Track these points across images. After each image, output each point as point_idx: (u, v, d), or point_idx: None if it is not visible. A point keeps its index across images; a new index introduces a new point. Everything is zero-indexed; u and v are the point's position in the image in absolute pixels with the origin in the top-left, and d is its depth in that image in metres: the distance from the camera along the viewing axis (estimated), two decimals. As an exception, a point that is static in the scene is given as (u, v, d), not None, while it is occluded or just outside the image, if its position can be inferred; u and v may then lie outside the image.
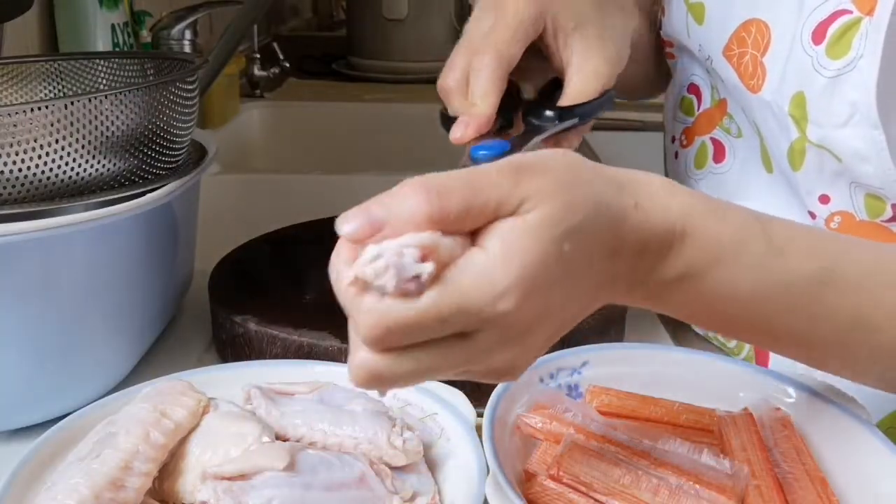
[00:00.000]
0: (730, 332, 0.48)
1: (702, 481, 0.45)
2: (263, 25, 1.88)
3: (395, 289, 0.33)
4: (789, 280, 0.43)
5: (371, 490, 0.48)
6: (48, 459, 0.49)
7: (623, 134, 1.55)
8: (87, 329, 0.60)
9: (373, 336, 0.34)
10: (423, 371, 0.36)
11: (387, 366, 0.35)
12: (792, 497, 0.47)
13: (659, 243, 0.40)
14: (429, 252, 0.34)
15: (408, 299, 0.34)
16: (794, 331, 0.45)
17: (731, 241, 0.42)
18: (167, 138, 0.63)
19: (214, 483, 0.45)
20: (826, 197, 0.60)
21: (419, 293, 0.34)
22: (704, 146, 0.72)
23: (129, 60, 0.75)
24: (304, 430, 0.51)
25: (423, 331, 0.35)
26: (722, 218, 0.42)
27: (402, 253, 0.33)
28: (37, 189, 0.55)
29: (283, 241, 0.82)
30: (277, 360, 0.64)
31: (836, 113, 0.56)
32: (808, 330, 0.45)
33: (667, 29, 0.73)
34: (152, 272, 0.66)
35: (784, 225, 0.45)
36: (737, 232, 0.42)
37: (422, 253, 0.33)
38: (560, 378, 0.55)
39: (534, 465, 0.48)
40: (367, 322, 0.34)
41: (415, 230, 0.34)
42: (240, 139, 1.46)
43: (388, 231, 0.34)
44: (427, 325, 0.34)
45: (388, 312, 0.34)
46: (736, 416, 0.52)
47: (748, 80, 0.62)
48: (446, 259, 0.34)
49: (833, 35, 0.55)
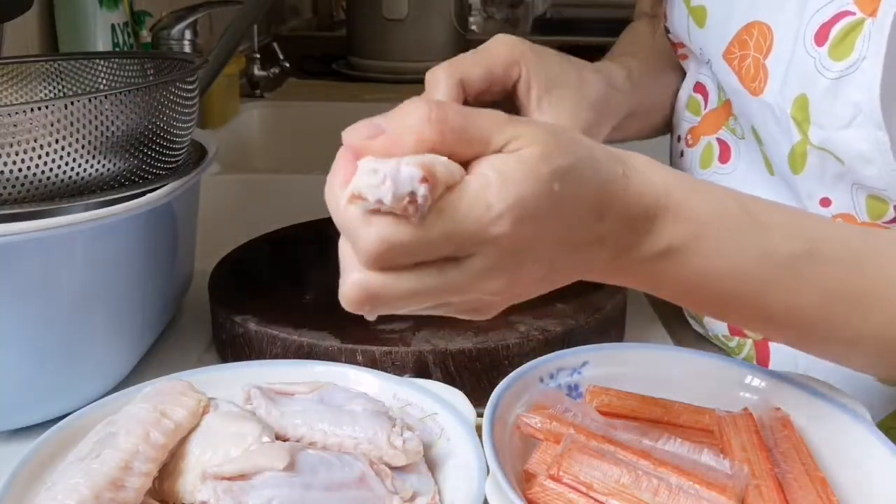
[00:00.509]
0: (717, 310, 0.48)
1: (702, 481, 0.45)
2: (263, 25, 1.88)
3: (393, 201, 0.34)
4: (772, 253, 0.44)
5: (371, 490, 0.48)
6: (48, 459, 0.49)
7: (624, 133, 1.55)
8: (87, 329, 0.60)
9: (375, 252, 0.35)
10: (416, 293, 0.37)
11: (382, 285, 0.36)
12: (792, 497, 0.47)
13: (643, 216, 0.41)
14: (427, 171, 0.34)
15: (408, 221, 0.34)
16: (776, 305, 0.46)
17: (712, 216, 0.43)
18: (167, 138, 0.63)
19: (214, 483, 0.45)
20: (827, 200, 0.60)
21: (417, 214, 0.34)
22: (710, 146, 0.72)
23: (129, 60, 0.75)
24: (304, 430, 0.51)
25: (424, 250, 0.36)
26: (704, 194, 0.44)
27: (400, 169, 0.34)
28: (37, 189, 0.55)
29: (283, 241, 0.82)
30: (277, 360, 0.64)
31: (839, 115, 0.55)
32: (790, 304, 0.45)
33: (672, 32, 0.73)
34: (152, 272, 0.66)
35: (766, 202, 0.46)
36: (718, 207, 0.43)
37: (420, 171, 0.34)
38: (560, 378, 0.55)
39: (534, 465, 0.48)
40: (369, 238, 0.35)
41: (415, 137, 0.35)
42: (240, 139, 1.46)
43: (388, 136, 0.35)
44: (429, 244, 0.35)
45: (391, 230, 0.34)
46: (736, 416, 0.52)
47: (749, 82, 0.62)
48: (444, 181, 0.35)
49: (836, 36, 0.55)
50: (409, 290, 0.37)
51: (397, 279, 0.36)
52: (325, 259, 0.37)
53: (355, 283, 0.36)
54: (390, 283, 0.36)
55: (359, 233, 0.35)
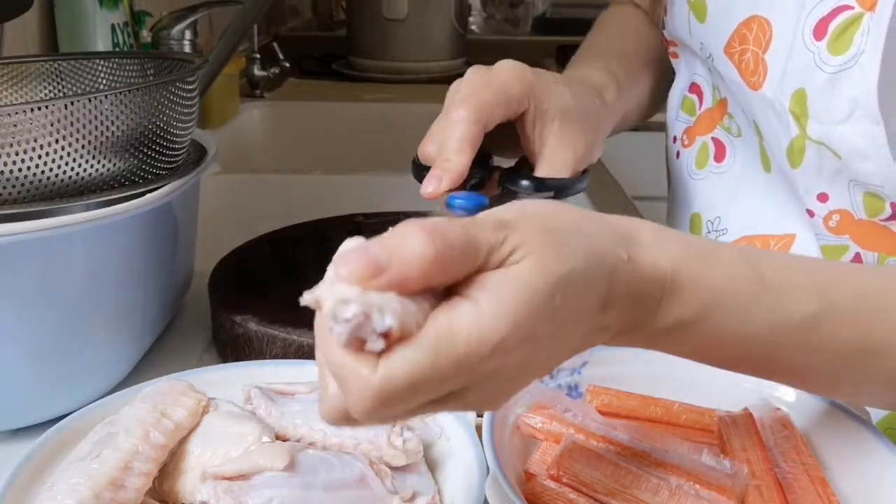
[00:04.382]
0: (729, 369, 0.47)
1: (702, 481, 0.45)
2: (263, 25, 1.88)
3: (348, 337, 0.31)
4: (785, 316, 0.42)
5: (371, 490, 0.48)
6: (48, 459, 0.49)
7: (623, 134, 1.55)
8: (87, 329, 0.60)
9: (368, 410, 0.33)
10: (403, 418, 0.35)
11: (368, 420, 0.34)
12: (792, 497, 0.47)
13: (649, 296, 0.39)
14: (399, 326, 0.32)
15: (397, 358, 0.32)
16: (794, 364, 0.44)
17: (722, 286, 0.41)
18: (167, 138, 0.63)
19: (214, 483, 0.45)
20: (825, 195, 0.60)
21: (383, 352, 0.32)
22: (706, 146, 0.72)
23: (129, 60, 0.75)
24: (304, 430, 0.51)
25: (420, 395, 0.33)
26: (712, 263, 0.41)
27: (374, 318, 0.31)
28: (37, 189, 0.55)
29: (283, 241, 0.82)
30: (277, 360, 0.64)
31: (837, 109, 0.56)
32: (808, 362, 0.44)
33: (669, 28, 0.73)
34: (152, 272, 0.66)
35: (776, 260, 0.45)
36: (728, 276, 0.42)
37: (396, 326, 0.31)
38: (560, 378, 0.55)
39: (534, 465, 0.48)
40: (361, 392, 0.32)
41: (421, 274, 0.32)
42: (240, 139, 1.46)
43: (391, 276, 0.32)
44: (427, 387, 0.33)
45: (387, 378, 0.32)
46: (736, 416, 0.52)
47: (749, 77, 0.62)
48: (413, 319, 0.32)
49: (834, 31, 0.55)
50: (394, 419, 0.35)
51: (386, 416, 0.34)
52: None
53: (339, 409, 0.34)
54: (375, 420, 0.34)
55: (349, 383, 0.32)
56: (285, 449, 0.47)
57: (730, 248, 0.44)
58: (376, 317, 0.31)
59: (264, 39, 1.76)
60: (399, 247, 0.32)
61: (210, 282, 0.74)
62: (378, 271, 0.32)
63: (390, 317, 0.31)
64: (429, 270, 0.32)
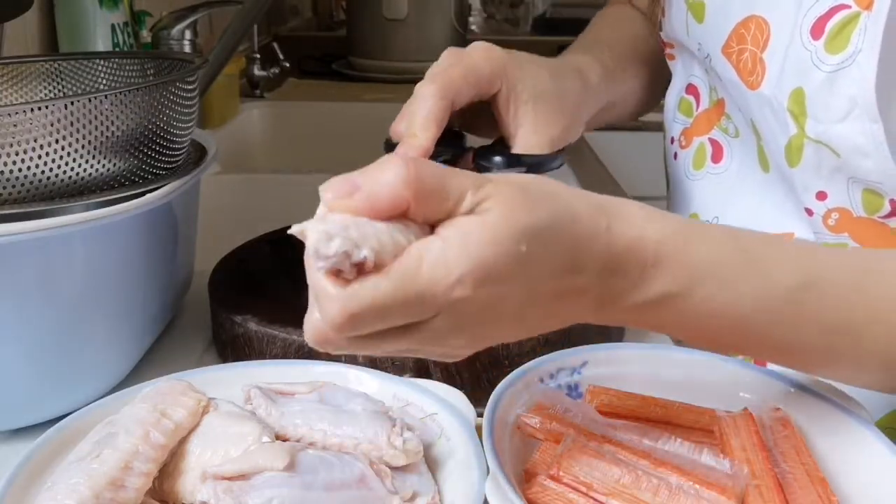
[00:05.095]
0: (715, 346, 0.48)
1: (702, 481, 0.45)
2: (263, 25, 1.88)
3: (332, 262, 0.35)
4: (769, 291, 0.43)
5: (371, 490, 0.48)
6: (48, 459, 0.49)
7: (623, 134, 1.55)
8: (87, 329, 0.60)
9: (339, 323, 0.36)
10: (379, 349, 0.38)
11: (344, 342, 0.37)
12: (792, 497, 0.47)
13: (630, 269, 0.41)
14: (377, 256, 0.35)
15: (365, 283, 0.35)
16: (779, 340, 0.45)
17: (709, 259, 0.42)
18: (167, 138, 0.63)
19: (214, 483, 0.45)
20: (823, 193, 0.60)
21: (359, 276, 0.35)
22: (703, 147, 0.72)
23: (129, 60, 0.75)
24: (304, 430, 0.51)
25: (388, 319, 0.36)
26: (696, 239, 0.43)
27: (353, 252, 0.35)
28: (37, 189, 0.55)
29: (283, 241, 0.82)
30: (277, 360, 0.64)
31: (835, 108, 0.56)
32: (793, 338, 0.45)
33: (667, 30, 0.73)
34: (152, 272, 0.66)
35: (763, 237, 0.46)
36: (714, 250, 0.43)
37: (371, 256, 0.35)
38: (560, 378, 0.55)
39: (534, 465, 0.48)
40: (332, 311, 0.36)
41: (390, 197, 0.36)
42: (240, 139, 1.46)
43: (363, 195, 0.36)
44: (392, 313, 0.36)
45: (354, 304, 0.35)
46: (736, 416, 0.52)
47: (747, 76, 0.63)
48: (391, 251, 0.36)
49: (832, 30, 0.55)
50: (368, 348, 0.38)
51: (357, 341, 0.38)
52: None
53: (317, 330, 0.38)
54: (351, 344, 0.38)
55: (322, 302, 0.36)
56: (285, 449, 0.47)
57: (716, 226, 0.46)
58: (355, 252, 0.35)
59: (264, 39, 1.76)
60: (375, 172, 0.37)
61: (210, 282, 0.74)
62: (353, 190, 0.36)
63: (367, 249, 0.35)
64: (399, 195, 0.36)
